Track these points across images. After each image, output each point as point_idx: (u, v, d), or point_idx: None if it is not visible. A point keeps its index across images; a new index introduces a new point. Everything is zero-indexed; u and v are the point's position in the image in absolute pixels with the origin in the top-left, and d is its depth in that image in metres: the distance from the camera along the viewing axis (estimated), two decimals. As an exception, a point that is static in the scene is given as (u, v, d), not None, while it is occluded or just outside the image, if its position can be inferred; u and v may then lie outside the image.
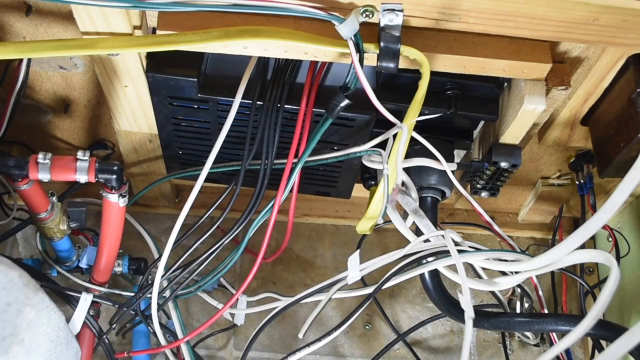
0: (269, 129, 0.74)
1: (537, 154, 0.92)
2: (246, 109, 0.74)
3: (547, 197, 1.01)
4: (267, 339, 1.03)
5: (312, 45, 0.62)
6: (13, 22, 0.72)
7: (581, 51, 0.70)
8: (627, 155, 0.73)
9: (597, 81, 0.74)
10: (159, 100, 0.75)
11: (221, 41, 0.61)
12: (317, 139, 0.73)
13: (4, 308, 0.65)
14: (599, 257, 0.58)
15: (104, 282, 0.88)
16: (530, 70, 0.68)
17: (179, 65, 0.71)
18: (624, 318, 0.97)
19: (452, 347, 1.05)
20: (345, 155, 0.78)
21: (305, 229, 1.09)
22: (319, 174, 0.87)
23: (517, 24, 0.63)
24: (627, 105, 0.72)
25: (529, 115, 0.72)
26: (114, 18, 0.61)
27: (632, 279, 0.96)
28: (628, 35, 0.63)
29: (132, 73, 0.70)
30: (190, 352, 0.87)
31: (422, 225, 0.76)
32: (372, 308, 1.06)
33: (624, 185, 0.48)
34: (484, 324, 0.77)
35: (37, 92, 0.85)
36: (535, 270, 0.67)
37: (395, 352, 1.05)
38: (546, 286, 1.04)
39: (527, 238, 1.11)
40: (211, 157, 0.73)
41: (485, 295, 1.06)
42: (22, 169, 0.69)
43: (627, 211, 0.99)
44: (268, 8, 0.59)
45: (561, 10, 0.60)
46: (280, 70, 0.73)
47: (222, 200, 0.80)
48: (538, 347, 1.02)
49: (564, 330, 0.75)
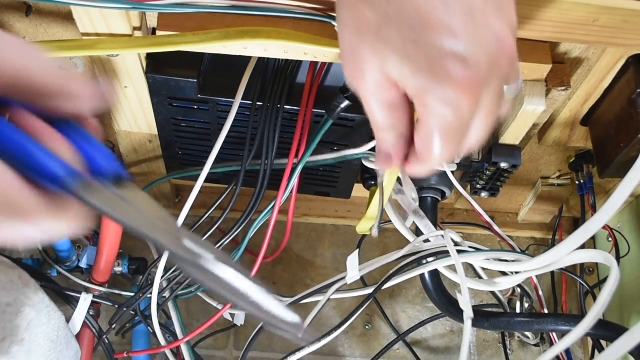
0: (269, 129, 0.74)
1: (537, 154, 0.92)
2: (246, 110, 0.74)
3: (547, 197, 1.01)
4: (267, 339, 1.03)
5: (312, 47, 0.62)
6: (13, 22, 0.72)
7: (581, 52, 0.70)
8: (628, 155, 0.73)
9: (597, 82, 0.74)
10: (158, 101, 0.75)
11: (221, 42, 0.61)
12: (317, 140, 0.73)
13: (3, 308, 0.65)
14: (599, 257, 0.58)
15: (104, 282, 0.88)
16: (531, 70, 0.68)
17: (179, 66, 0.71)
18: (624, 318, 0.97)
19: (452, 347, 1.05)
20: (343, 157, 0.79)
21: (305, 229, 1.09)
22: (319, 174, 0.87)
23: (516, 24, 0.63)
24: (627, 106, 0.72)
25: (529, 116, 0.72)
26: (113, 19, 0.61)
27: (632, 279, 0.96)
28: (628, 36, 0.63)
29: (132, 74, 0.70)
30: (190, 352, 0.87)
31: (422, 225, 0.76)
32: (372, 308, 1.06)
33: (624, 186, 0.48)
34: (484, 324, 0.77)
35: (37, 93, 0.85)
36: (535, 271, 0.67)
37: (395, 352, 1.05)
38: (546, 286, 1.04)
39: (527, 238, 1.11)
40: (211, 157, 0.73)
41: (485, 295, 1.06)
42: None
43: (627, 211, 0.99)
44: (268, 10, 0.59)
45: (561, 11, 0.60)
46: (280, 70, 0.73)
47: (222, 201, 0.80)
48: (538, 347, 1.02)
49: (564, 330, 0.75)
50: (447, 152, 0.45)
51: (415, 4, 0.41)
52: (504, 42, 0.43)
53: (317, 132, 0.73)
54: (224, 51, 0.64)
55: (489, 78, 0.42)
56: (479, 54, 0.41)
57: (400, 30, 0.41)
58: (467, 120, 0.43)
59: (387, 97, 0.44)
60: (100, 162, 0.31)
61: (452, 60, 0.41)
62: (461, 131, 0.44)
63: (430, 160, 0.46)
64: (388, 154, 0.47)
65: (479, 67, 0.41)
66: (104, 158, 0.31)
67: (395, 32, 0.41)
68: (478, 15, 0.41)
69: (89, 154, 0.31)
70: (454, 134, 0.43)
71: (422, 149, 0.45)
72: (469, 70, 0.41)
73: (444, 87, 0.41)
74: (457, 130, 0.43)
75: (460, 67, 0.41)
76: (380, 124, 0.46)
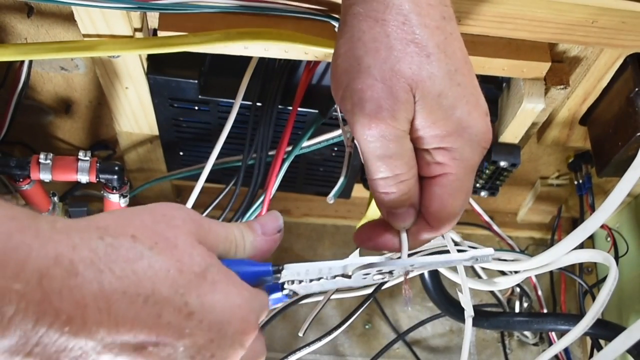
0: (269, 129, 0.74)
1: (536, 154, 0.92)
2: (247, 110, 0.74)
3: (546, 197, 1.01)
4: (267, 339, 1.03)
5: (313, 47, 0.62)
6: (15, 23, 0.72)
7: (580, 51, 0.70)
8: (625, 154, 0.73)
9: (595, 80, 0.74)
10: (159, 102, 0.75)
11: (222, 43, 0.61)
12: (306, 137, 0.73)
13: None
14: (597, 257, 0.58)
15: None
16: (530, 69, 0.68)
17: (180, 67, 0.71)
18: (623, 317, 0.97)
19: (452, 347, 1.06)
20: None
21: (305, 229, 1.09)
22: (319, 174, 0.87)
23: (516, 26, 0.63)
24: (626, 105, 0.72)
25: (528, 114, 0.72)
26: (114, 20, 0.62)
27: (630, 278, 0.97)
28: (627, 37, 0.64)
29: (133, 75, 0.71)
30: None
31: (421, 225, 0.76)
32: (372, 308, 1.06)
33: (622, 185, 0.48)
34: (483, 323, 0.78)
35: (39, 93, 0.85)
36: (534, 270, 0.68)
37: (395, 351, 1.05)
38: (545, 286, 1.04)
39: (526, 238, 1.11)
40: (212, 157, 0.73)
41: (485, 295, 1.06)
42: (24, 169, 0.69)
43: (625, 211, 1.00)
44: (269, 9, 0.60)
45: (560, 12, 0.61)
46: (280, 70, 0.73)
47: (221, 200, 0.80)
48: (537, 347, 1.03)
49: (563, 329, 0.75)
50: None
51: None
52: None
53: (306, 130, 0.73)
54: (224, 51, 0.64)
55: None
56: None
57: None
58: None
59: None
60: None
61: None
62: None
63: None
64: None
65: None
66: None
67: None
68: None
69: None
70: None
71: (441, 208, 0.45)
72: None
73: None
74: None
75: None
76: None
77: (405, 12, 0.41)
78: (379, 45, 0.41)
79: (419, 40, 0.41)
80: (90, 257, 0.32)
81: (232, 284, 0.37)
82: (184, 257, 0.35)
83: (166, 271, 0.34)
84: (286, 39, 0.62)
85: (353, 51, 0.42)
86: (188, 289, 0.34)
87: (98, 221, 0.34)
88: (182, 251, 0.35)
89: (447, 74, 0.41)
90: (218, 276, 0.36)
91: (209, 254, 0.37)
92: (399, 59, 0.41)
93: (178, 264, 0.34)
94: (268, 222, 0.44)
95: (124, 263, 0.33)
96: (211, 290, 0.35)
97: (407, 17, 0.41)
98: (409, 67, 0.41)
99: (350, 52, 0.42)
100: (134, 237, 0.34)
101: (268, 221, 0.44)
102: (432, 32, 0.41)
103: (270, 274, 0.42)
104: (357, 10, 0.42)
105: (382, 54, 0.41)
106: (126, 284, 0.32)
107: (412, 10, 0.41)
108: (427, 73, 0.41)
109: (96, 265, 0.32)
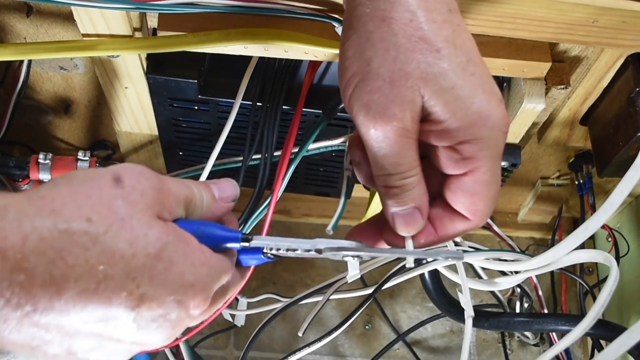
0: (269, 129, 0.74)
1: (537, 154, 0.92)
2: (246, 110, 0.74)
3: (547, 197, 1.01)
4: (267, 339, 1.03)
5: (313, 47, 0.62)
6: (14, 22, 0.72)
7: (580, 50, 0.70)
8: (626, 154, 0.73)
9: (596, 80, 0.74)
10: (159, 102, 0.75)
11: (222, 43, 0.61)
12: (312, 139, 0.73)
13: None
14: (598, 257, 0.58)
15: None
16: (530, 69, 0.68)
17: (179, 66, 0.71)
18: (624, 318, 0.97)
19: (452, 347, 1.05)
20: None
21: (305, 229, 1.09)
22: (319, 174, 0.87)
23: (516, 25, 0.63)
24: (626, 104, 0.72)
25: (529, 114, 0.72)
26: (114, 20, 0.61)
27: (631, 278, 0.97)
28: (628, 37, 0.63)
29: (132, 74, 0.70)
30: (190, 352, 0.87)
31: (422, 225, 0.76)
32: (372, 308, 1.06)
33: (623, 185, 0.48)
34: (483, 323, 0.78)
35: (38, 93, 0.85)
36: (534, 270, 0.68)
37: (395, 351, 1.05)
38: (546, 286, 1.04)
39: (526, 238, 1.11)
40: (212, 157, 0.73)
41: (485, 295, 1.06)
42: (23, 169, 0.69)
43: (626, 211, 1.00)
44: (269, 10, 0.59)
45: (560, 12, 0.61)
46: (280, 70, 0.73)
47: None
48: (537, 347, 1.02)
49: (564, 330, 0.75)
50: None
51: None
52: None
53: (312, 132, 0.73)
54: (224, 51, 0.64)
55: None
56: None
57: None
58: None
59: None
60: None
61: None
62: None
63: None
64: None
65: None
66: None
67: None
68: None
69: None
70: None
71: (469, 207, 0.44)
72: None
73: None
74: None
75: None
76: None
77: (412, 8, 0.41)
78: (387, 44, 0.41)
79: (428, 36, 0.41)
80: (41, 248, 0.32)
81: (189, 260, 0.37)
82: (138, 239, 0.35)
83: (120, 257, 0.34)
84: (286, 39, 0.61)
85: (362, 52, 0.42)
86: (141, 272, 0.34)
87: (54, 199, 0.34)
88: (138, 232, 0.35)
89: (459, 65, 0.41)
90: (175, 255, 0.36)
91: (165, 231, 0.37)
92: (408, 57, 0.40)
93: (132, 248, 0.34)
94: (226, 188, 0.45)
95: (77, 250, 0.33)
96: (165, 270, 0.35)
97: (415, 13, 0.41)
98: (418, 65, 0.40)
99: (358, 53, 0.42)
100: (89, 221, 0.34)
101: (226, 187, 0.45)
102: (439, 27, 0.41)
103: (238, 241, 0.42)
104: (363, 10, 0.42)
105: (391, 54, 0.41)
106: (78, 273, 0.32)
107: (420, 6, 0.41)
108: (438, 68, 0.41)
109: (48, 256, 0.32)
